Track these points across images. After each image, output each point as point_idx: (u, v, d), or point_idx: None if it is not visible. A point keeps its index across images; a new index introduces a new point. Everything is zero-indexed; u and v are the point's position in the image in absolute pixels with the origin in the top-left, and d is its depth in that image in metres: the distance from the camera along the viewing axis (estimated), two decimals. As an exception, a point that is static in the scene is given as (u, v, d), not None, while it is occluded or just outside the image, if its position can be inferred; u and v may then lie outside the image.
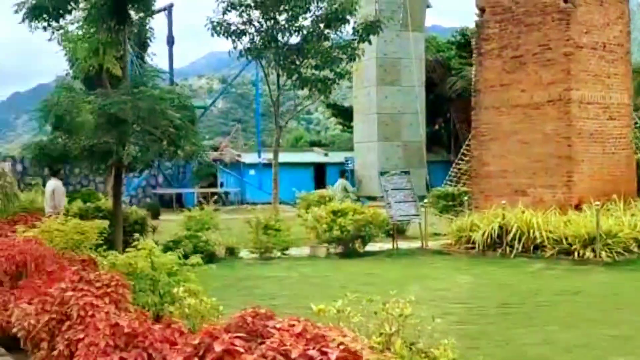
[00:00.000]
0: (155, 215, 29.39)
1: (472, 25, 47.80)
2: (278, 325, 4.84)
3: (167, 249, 16.26)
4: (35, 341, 7.80)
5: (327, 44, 23.94)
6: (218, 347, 4.56)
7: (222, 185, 45.70)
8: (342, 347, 4.42)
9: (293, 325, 4.81)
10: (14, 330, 8.08)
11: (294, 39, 23.83)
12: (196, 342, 4.84)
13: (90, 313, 7.44)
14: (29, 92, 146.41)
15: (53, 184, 19.07)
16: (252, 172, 45.53)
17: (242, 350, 4.56)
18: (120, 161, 14.30)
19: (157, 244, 17.36)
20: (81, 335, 7.21)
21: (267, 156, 44.23)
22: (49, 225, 11.53)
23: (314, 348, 4.53)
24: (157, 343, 6.31)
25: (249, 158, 46.33)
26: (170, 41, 46.41)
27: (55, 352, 7.39)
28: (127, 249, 9.47)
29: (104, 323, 6.54)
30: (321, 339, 4.66)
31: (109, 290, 7.76)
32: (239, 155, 46.61)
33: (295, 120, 28.66)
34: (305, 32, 23.48)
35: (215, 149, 48.41)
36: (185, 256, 14.72)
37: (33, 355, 7.86)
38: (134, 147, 14.18)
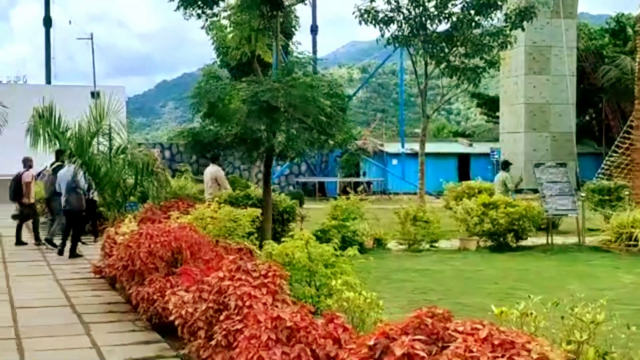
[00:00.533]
0: (299, 204, 29.43)
1: (627, 12, 45.42)
2: (460, 328, 4.40)
3: (315, 238, 16.12)
4: (192, 330, 7.69)
5: (477, 31, 23.14)
6: (398, 351, 4.18)
7: (364, 174, 45.51)
8: (536, 356, 3.94)
9: (477, 329, 4.36)
10: (171, 317, 8.00)
11: (443, 26, 23.16)
12: (371, 342, 4.48)
13: (247, 303, 7.25)
14: (174, 80, 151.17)
15: (213, 170, 19.36)
16: (394, 161, 45.06)
17: (423, 354, 4.17)
18: (272, 149, 14.21)
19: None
20: (239, 326, 7.04)
21: (408, 146, 43.67)
22: (202, 212, 11.52)
23: (503, 356, 4.08)
24: (321, 339, 6.00)
25: (392, 148, 45.86)
26: (314, 29, 46.55)
27: (212, 342, 7.24)
28: (281, 239, 9.29)
29: (265, 316, 6.29)
30: (510, 346, 4.20)
31: (266, 280, 7.54)
32: (381, 145, 46.24)
33: (436, 111, 28.03)
34: (454, 19, 22.76)
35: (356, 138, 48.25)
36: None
37: (190, 344, 7.75)
38: (284, 135, 14.02)
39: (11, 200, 19.05)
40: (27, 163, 18.15)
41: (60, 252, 16.19)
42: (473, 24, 22.76)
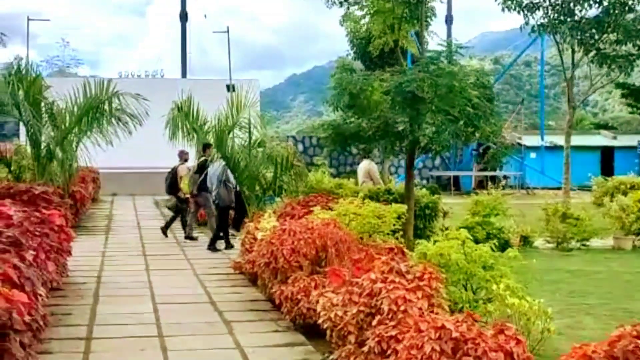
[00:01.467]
0: (435, 199, 28.59)
1: None
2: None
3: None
4: (341, 334, 7.20)
5: (630, 16, 21.65)
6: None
7: (500, 168, 44.03)
8: None
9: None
10: (319, 321, 7.53)
11: (593, 12, 21.80)
12: (569, 367, 3.82)
13: (402, 308, 6.70)
14: (304, 74, 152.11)
15: (367, 164, 18.96)
16: (532, 155, 43.39)
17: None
18: (416, 142, 13.58)
19: (447, 229, 16.58)
20: (393, 332, 6.50)
21: (548, 139, 41.96)
22: (345, 208, 11.03)
23: None
24: (492, 353, 5.36)
25: (530, 141, 44.17)
26: (449, 20, 45.47)
27: (365, 349, 6.73)
28: (427, 236, 8.68)
29: (428, 324, 5.70)
30: None
31: (421, 283, 6.96)
32: (519, 138, 44.63)
33: (583, 102, 26.65)
34: (605, 3, 21.38)
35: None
36: (477, 242, 13.83)
37: (339, 349, 7.26)
38: (430, 128, 13.34)
39: (167, 193, 19.24)
40: (183, 156, 18.14)
41: (214, 248, 16.11)
42: (626, 8, 21.30)
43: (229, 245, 15.95)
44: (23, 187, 14.10)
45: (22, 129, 22.12)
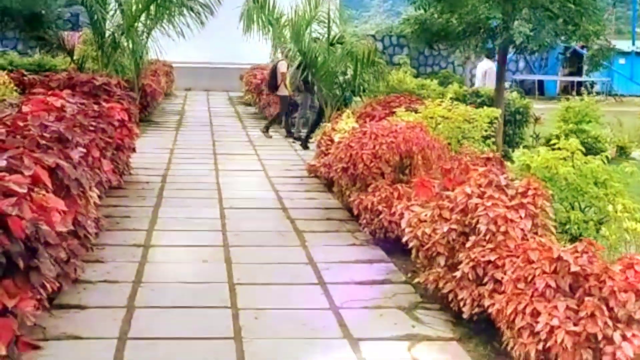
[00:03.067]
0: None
1: None
2: None
3: (548, 142, 14.18)
4: (429, 254, 6.26)
5: None
6: None
7: (587, 73, 41.76)
8: None
9: None
10: (404, 238, 6.59)
11: None
12: None
13: (502, 229, 5.71)
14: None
15: (486, 65, 17.71)
16: (622, 61, 40.96)
17: None
18: (511, 40, 12.27)
19: (538, 137, 15.36)
20: (492, 257, 5.54)
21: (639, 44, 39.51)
22: (432, 110, 9.92)
23: None
24: (622, 293, 4.33)
25: (619, 46, 41.61)
26: None
27: (457, 274, 5.79)
28: (516, 144, 7.58)
29: (540, 254, 4.69)
30: None
31: (524, 200, 5.92)
32: (607, 42, 42.12)
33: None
34: None
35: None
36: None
37: (427, 271, 6.33)
38: (525, 25, 11.99)
39: (268, 90, 18.47)
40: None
41: (305, 146, 15.54)
42: None
43: (305, 145, 15.28)
44: (84, 77, 13.29)
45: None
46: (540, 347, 4.23)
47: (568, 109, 18.27)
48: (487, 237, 5.75)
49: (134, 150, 11.10)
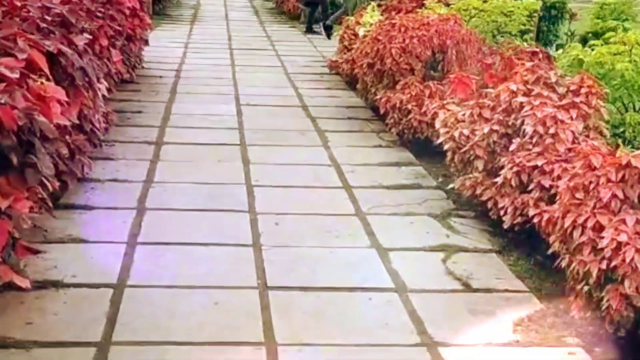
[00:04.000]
0: None
1: None
2: None
3: (583, 40, 13.44)
4: (466, 158, 5.71)
5: None
6: None
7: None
8: None
9: None
10: (439, 140, 6.04)
11: None
12: None
13: (551, 131, 5.15)
14: None
15: None
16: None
17: None
18: None
19: (573, 34, 14.54)
20: (539, 162, 4.99)
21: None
22: (467, 2, 9.19)
23: None
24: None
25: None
26: None
27: (497, 179, 5.26)
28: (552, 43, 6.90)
29: (604, 160, 4.13)
30: None
31: (576, 100, 5.33)
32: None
33: None
34: None
35: None
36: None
37: (462, 176, 5.80)
38: None
39: None
40: None
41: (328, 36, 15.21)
42: None
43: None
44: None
45: None
46: (604, 265, 3.71)
47: (603, 6, 17.36)
48: (534, 140, 5.20)
49: (146, 42, 10.44)
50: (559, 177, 4.80)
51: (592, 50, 6.22)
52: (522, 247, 5.18)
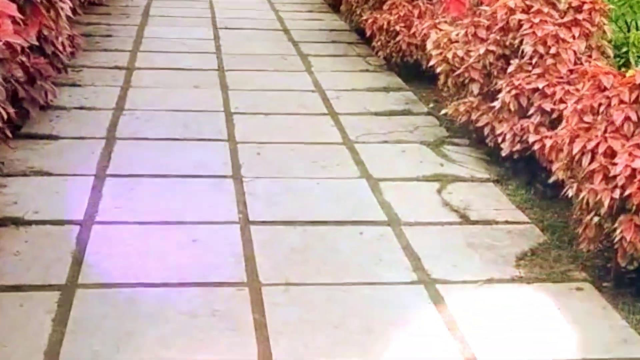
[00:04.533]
0: None
1: None
2: None
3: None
4: (461, 82, 5.32)
5: None
6: None
7: None
8: None
9: None
10: (431, 62, 5.60)
11: None
12: None
13: (552, 51, 4.78)
14: None
15: None
16: None
17: None
18: None
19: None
20: (540, 84, 4.64)
21: None
22: None
23: None
24: None
25: None
26: None
27: (495, 103, 4.91)
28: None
29: (615, 79, 3.75)
30: None
31: (579, 17, 4.92)
32: None
33: None
34: None
35: None
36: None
37: (456, 101, 5.42)
38: None
39: None
40: None
41: None
42: None
43: None
44: None
45: None
46: (616, 194, 3.38)
47: None
48: (534, 61, 4.83)
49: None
50: (561, 100, 4.49)
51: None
52: (521, 175, 4.86)
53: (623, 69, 4.59)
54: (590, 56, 4.89)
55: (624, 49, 5.53)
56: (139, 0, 9.80)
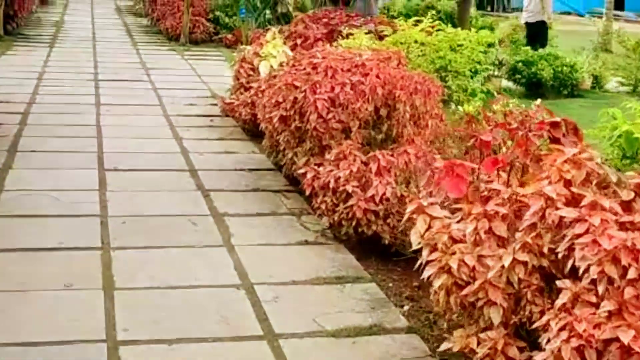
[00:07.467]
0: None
1: None
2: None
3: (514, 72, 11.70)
4: (469, 301, 3.50)
5: None
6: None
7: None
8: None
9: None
10: (426, 274, 3.72)
11: None
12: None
13: (631, 274, 3.15)
14: None
15: None
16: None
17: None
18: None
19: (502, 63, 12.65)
20: (620, 334, 2.80)
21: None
22: (405, 34, 6.99)
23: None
24: None
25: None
26: None
27: (540, 357, 3.01)
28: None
29: None
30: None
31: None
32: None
33: None
34: None
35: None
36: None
37: (463, 330, 3.53)
38: None
39: None
40: None
41: None
42: None
43: None
44: None
45: None
46: None
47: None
48: (600, 289, 3.04)
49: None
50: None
51: None
52: None
53: None
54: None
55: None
56: (7, 126, 7.75)
